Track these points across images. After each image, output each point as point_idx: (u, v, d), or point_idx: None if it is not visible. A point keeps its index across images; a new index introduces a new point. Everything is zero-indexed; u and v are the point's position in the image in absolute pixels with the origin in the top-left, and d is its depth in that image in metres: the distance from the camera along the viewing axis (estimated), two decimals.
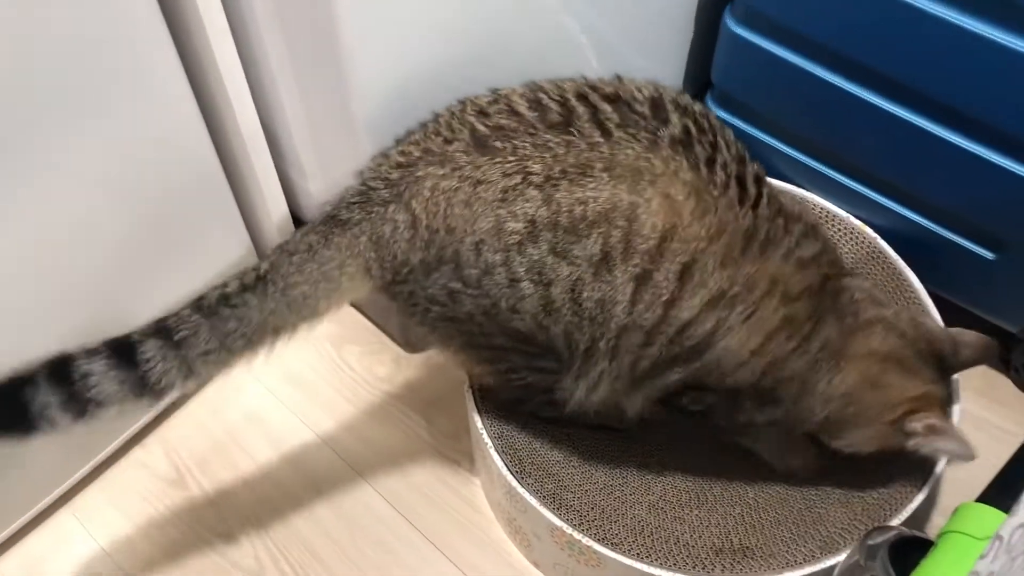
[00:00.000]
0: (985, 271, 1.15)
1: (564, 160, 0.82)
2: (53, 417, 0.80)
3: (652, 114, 0.84)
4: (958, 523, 0.75)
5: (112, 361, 0.82)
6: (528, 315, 0.86)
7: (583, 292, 0.84)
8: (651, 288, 0.83)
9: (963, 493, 0.83)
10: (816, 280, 0.89)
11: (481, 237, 0.82)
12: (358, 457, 1.22)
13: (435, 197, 0.83)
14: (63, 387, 0.80)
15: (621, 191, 0.81)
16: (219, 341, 0.85)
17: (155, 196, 1.01)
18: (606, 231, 0.81)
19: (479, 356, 0.96)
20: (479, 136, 0.84)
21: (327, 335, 1.33)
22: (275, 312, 0.86)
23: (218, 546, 1.14)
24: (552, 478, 1.03)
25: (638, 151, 0.82)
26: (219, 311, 0.85)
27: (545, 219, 0.81)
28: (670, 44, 1.33)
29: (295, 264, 0.86)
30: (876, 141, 1.15)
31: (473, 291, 0.85)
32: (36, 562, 1.13)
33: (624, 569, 0.95)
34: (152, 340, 0.84)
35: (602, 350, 0.88)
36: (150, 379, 0.83)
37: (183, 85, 0.96)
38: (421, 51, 0.96)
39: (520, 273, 0.83)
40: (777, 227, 0.87)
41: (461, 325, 0.90)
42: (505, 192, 0.81)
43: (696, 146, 0.84)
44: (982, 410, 1.24)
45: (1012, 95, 0.98)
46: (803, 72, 1.16)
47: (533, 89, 0.87)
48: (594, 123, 0.83)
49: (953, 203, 1.14)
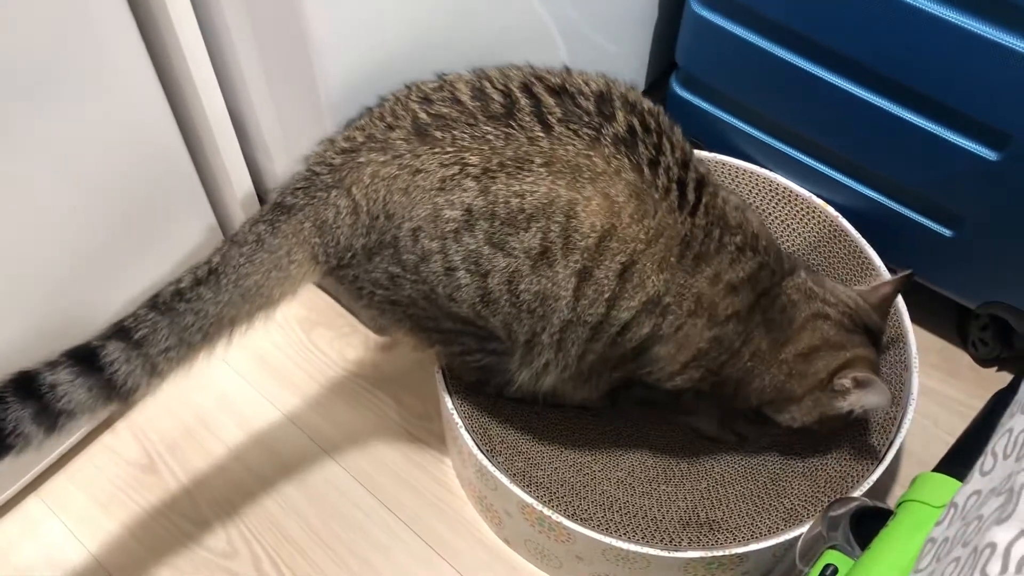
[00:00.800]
0: (943, 248, 1.17)
1: (502, 153, 0.82)
2: (26, 433, 0.80)
3: (597, 110, 0.84)
4: (916, 492, 0.77)
5: (76, 369, 0.82)
6: (466, 304, 0.87)
7: (520, 284, 0.85)
8: (593, 285, 0.85)
9: (921, 465, 0.86)
10: (746, 304, 0.90)
11: (419, 224, 0.83)
12: (329, 439, 1.22)
13: (375, 184, 0.84)
14: (32, 401, 0.80)
15: (560, 187, 0.82)
16: (178, 337, 0.85)
17: (120, 181, 1.00)
18: (545, 225, 0.82)
19: (430, 338, 0.98)
20: (420, 124, 0.84)
21: (297, 318, 1.33)
22: (230, 303, 0.87)
23: (190, 530, 1.15)
24: (522, 456, 1.05)
25: (579, 148, 0.82)
26: (175, 307, 0.85)
27: (482, 208, 0.82)
28: (635, 26, 1.33)
29: (245, 254, 0.87)
30: (836, 120, 1.17)
31: (412, 276, 0.87)
32: (5, 549, 1.13)
33: (593, 543, 0.97)
34: (112, 342, 0.84)
35: (545, 343, 0.90)
36: (116, 381, 0.84)
37: (148, 69, 0.95)
38: (386, 35, 0.96)
39: (456, 261, 0.84)
40: (712, 240, 0.87)
41: (407, 308, 0.91)
42: (443, 181, 0.82)
43: (640, 146, 0.84)
44: (940, 384, 1.27)
45: (968, 75, 1.00)
46: (765, 53, 1.17)
47: (479, 76, 0.87)
48: (535, 116, 0.83)
49: (911, 181, 1.16)
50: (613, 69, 1.34)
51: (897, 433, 1.03)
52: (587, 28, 1.22)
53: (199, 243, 1.14)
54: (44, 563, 1.12)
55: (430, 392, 1.25)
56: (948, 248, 1.17)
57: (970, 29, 0.96)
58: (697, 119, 1.34)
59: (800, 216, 1.24)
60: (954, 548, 0.58)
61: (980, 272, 1.18)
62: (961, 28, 0.97)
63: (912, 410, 1.04)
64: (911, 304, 1.14)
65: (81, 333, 0.97)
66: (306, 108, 0.99)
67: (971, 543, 0.54)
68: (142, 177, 1.02)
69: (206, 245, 1.15)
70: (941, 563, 0.58)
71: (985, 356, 1.28)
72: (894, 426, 1.05)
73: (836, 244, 1.21)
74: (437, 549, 1.14)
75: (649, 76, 1.43)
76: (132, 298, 1.08)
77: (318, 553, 1.13)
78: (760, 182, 1.26)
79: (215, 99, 1.02)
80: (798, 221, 1.24)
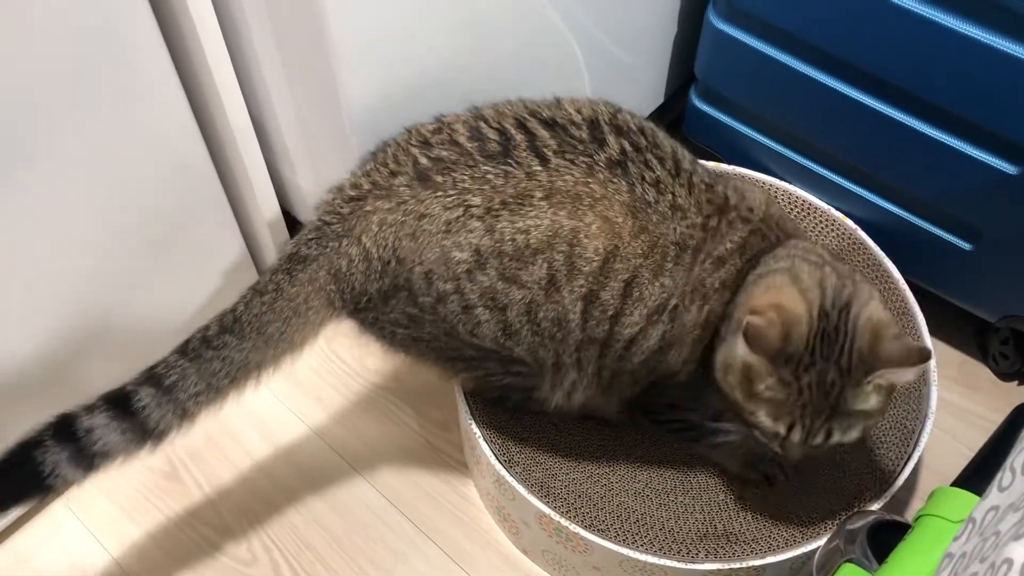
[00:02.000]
0: (963, 261, 1.17)
1: (503, 191, 0.84)
2: (64, 474, 0.85)
3: (590, 137, 0.86)
4: (934, 507, 0.77)
5: (111, 413, 0.86)
6: (488, 339, 0.89)
7: (538, 313, 0.87)
8: (599, 306, 0.86)
9: (940, 478, 0.86)
10: (732, 271, 0.88)
11: (430, 267, 0.85)
12: (349, 448, 1.23)
13: (383, 231, 0.86)
14: (70, 444, 0.84)
15: (561, 217, 0.83)
16: (206, 382, 0.89)
17: (146, 193, 1.02)
18: (549, 256, 0.84)
19: (454, 367, 1.00)
20: (421, 169, 0.86)
21: None
22: (254, 349, 0.90)
23: (211, 537, 1.16)
24: (540, 467, 1.05)
25: (577, 176, 0.84)
26: (203, 353, 0.88)
27: (489, 248, 0.84)
28: (654, 39, 1.34)
29: (266, 303, 0.90)
30: (856, 134, 1.18)
31: (430, 316, 0.89)
32: (29, 553, 1.15)
33: (610, 554, 0.97)
34: (145, 388, 0.87)
35: (568, 363, 0.92)
36: (148, 425, 0.87)
37: (173, 82, 0.97)
38: (409, 49, 0.97)
39: (473, 300, 0.86)
40: (708, 230, 0.88)
41: (429, 343, 0.93)
42: (448, 224, 0.84)
43: (631, 166, 0.85)
44: (959, 398, 1.26)
45: (989, 88, 1.00)
46: (785, 67, 1.18)
47: (475, 117, 0.89)
48: (532, 151, 0.85)
49: (931, 195, 1.16)
50: (632, 82, 1.36)
51: (915, 447, 1.03)
52: (607, 42, 1.23)
53: (224, 256, 1.16)
54: (67, 567, 1.14)
55: (449, 402, 1.26)
56: (967, 261, 1.17)
57: (990, 44, 0.96)
58: (716, 132, 1.35)
59: (819, 229, 1.25)
60: (971, 563, 0.58)
61: (1000, 285, 1.18)
62: (981, 42, 0.97)
63: (931, 423, 1.04)
64: (930, 317, 1.14)
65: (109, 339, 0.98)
66: (330, 121, 1.00)
67: (988, 559, 0.55)
68: (167, 189, 1.04)
69: (232, 258, 1.17)
70: None
71: (1005, 370, 1.27)
72: (912, 439, 1.05)
73: (855, 257, 1.22)
74: (455, 558, 1.14)
75: (668, 89, 1.44)
76: (157, 305, 1.11)
77: (337, 561, 1.14)
78: (779, 194, 1.27)
79: (239, 111, 1.03)
80: (817, 234, 1.24)
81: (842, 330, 0.84)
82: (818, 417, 0.84)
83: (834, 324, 0.84)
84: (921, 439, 1.03)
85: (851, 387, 0.83)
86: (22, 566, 1.14)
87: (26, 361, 1.01)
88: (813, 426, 0.84)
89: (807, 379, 0.82)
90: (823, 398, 0.83)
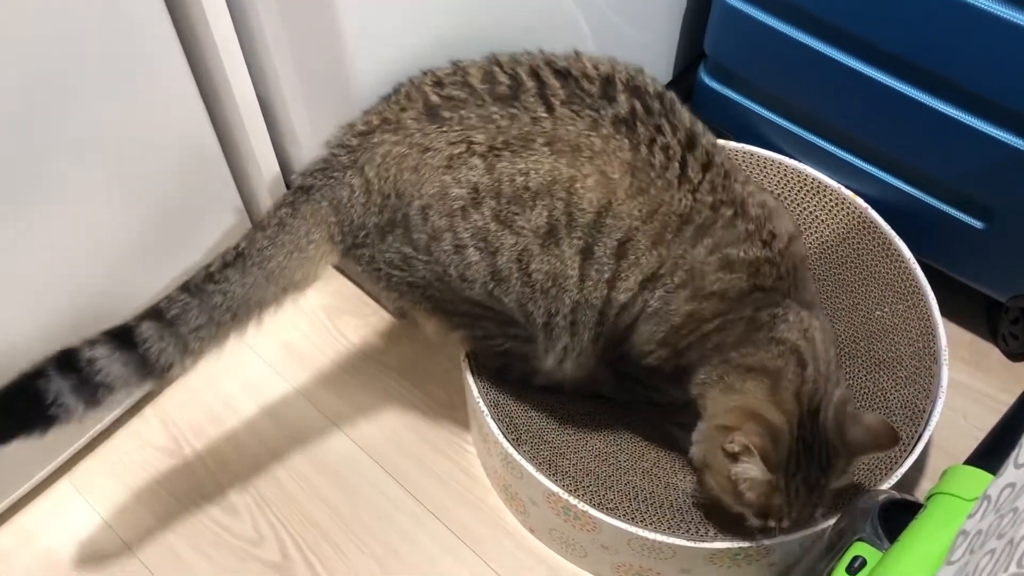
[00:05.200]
0: (974, 240, 1.16)
1: (507, 132, 0.84)
2: (67, 404, 0.84)
3: (601, 92, 0.86)
4: (946, 485, 0.77)
5: (113, 344, 0.86)
6: (478, 283, 0.89)
7: (531, 263, 0.87)
8: (595, 264, 0.86)
9: (949, 459, 0.85)
10: (736, 286, 0.87)
11: (428, 201, 0.86)
12: (355, 426, 1.23)
13: (386, 162, 0.87)
14: (72, 374, 0.84)
15: (561, 165, 0.84)
16: (208, 316, 0.89)
17: (149, 171, 1.01)
18: (549, 203, 0.84)
19: (451, 322, 0.99)
20: (431, 105, 0.87)
21: (323, 307, 1.34)
22: (255, 285, 0.90)
23: (216, 514, 1.16)
24: (547, 445, 1.05)
25: (579, 128, 0.84)
26: (205, 288, 0.89)
27: (487, 186, 0.84)
28: (663, 15, 1.33)
29: (268, 237, 0.90)
30: (867, 111, 1.16)
31: (424, 256, 0.89)
32: (35, 531, 1.14)
33: (619, 533, 0.97)
34: (147, 322, 0.88)
35: (561, 325, 0.92)
36: (150, 358, 0.88)
37: (179, 59, 0.96)
38: (416, 24, 0.96)
39: (465, 239, 0.86)
40: (720, 217, 0.86)
41: (424, 290, 0.93)
42: (450, 159, 0.85)
43: (639, 127, 0.85)
44: (969, 378, 1.26)
45: (1002, 65, 0.99)
46: (795, 42, 1.16)
47: (491, 62, 0.90)
48: (540, 98, 0.85)
49: (943, 173, 1.15)
50: (641, 58, 1.33)
51: (926, 426, 1.03)
52: (615, 17, 1.22)
53: (227, 230, 1.15)
54: (72, 543, 1.13)
55: (455, 381, 1.25)
56: (979, 240, 1.16)
57: (1004, 16, 0.95)
58: (725, 109, 1.34)
59: (829, 207, 1.23)
60: (988, 540, 0.57)
61: (1011, 264, 1.17)
62: (995, 16, 0.96)
63: (941, 403, 1.04)
64: (940, 297, 1.13)
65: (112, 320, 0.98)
66: (336, 97, 0.99)
67: (1006, 535, 0.54)
68: (171, 166, 1.03)
69: (233, 231, 1.16)
70: (975, 555, 0.58)
71: (1015, 350, 1.26)
72: (923, 419, 1.04)
73: (865, 236, 1.21)
74: (461, 537, 1.14)
75: (677, 66, 1.42)
76: (160, 284, 1.10)
77: (343, 539, 1.14)
78: (789, 173, 1.26)
79: (245, 88, 1.02)
80: (827, 212, 1.23)
81: (817, 434, 0.89)
82: (804, 509, 0.90)
83: (809, 430, 0.88)
84: (932, 419, 1.03)
85: (834, 478, 0.90)
86: (28, 544, 1.14)
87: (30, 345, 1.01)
88: (800, 516, 0.90)
89: (795, 484, 0.88)
90: (808, 494, 0.89)
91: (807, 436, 0.88)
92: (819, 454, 0.88)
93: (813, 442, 0.88)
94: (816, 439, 0.88)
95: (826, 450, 0.89)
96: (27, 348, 1.00)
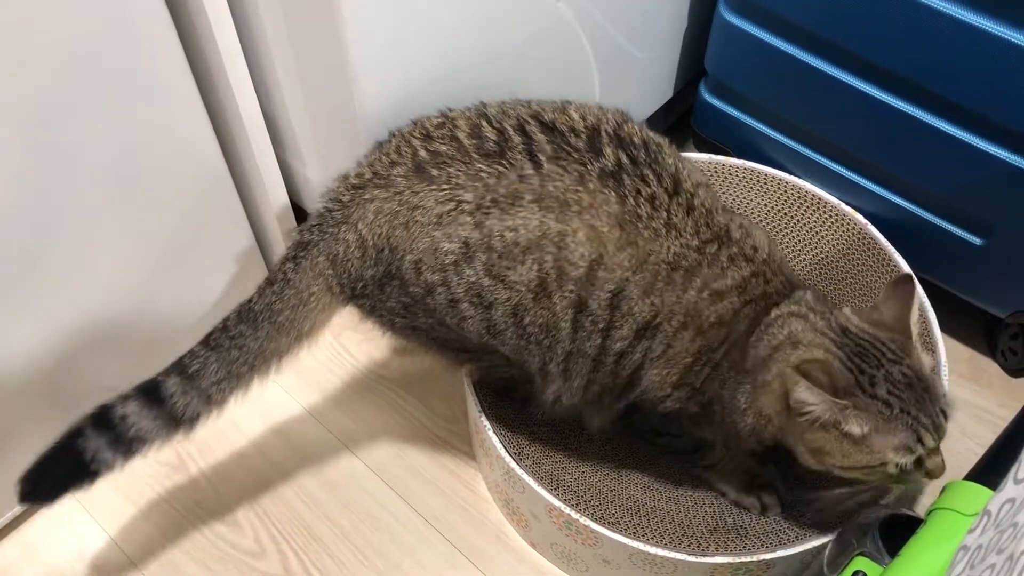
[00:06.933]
0: (973, 257, 1.17)
1: (495, 190, 0.85)
2: (106, 459, 0.91)
3: (587, 146, 0.87)
4: (947, 500, 0.77)
5: (142, 401, 0.92)
6: (474, 334, 0.91)
7: (525, 317, 0.87)
8: (589, 316, 0.87)
9: (948, 474, 0.85)
10: (730, 309, 0.88)
11: (419, 256, 0.87)
12: (357, 441, 1.23)
13: (378, 219, 0.88)
14: (107, 431, 0.91)
15: (550, 220, 0.84)
16: (227, 370, 0.94)
17: (155, 187, 1.02)
18: (539, 257, 0.85)
19: (457, 358, 1.02)
20: (419, 162, 0.87)
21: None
22: (267, 337, 0.94)
23: (219, 529, 1.16)
24: (549, 460, 1.05)
25: (567, 183, 0.85)
26: (222, 343, 0.94)
27: (478, 241, 0.85)
28: (664, 33, 1.34)
29: (276, 292, 0.94)
30: (866, 128, 1.17)
31: (422, 307, 0.91)
32: (39, 546, 1.15)
33: (620, 547, 0.97)
34: (172, 377, 0.93)
35: (554, 372, 0.93)
36: (176, 412, 0.93)
37: (186, 76, 0.97)
38: (421, 42, 0.97)
39: (459, 294, 0.87)
40: (705, 255, 0.87)
41: (428, 334, 0.95)
42: (440, 217, 0.86)
43: (626, 178, 0.86)
44: (969, 394, 1.26)
45: (1000, 83, 1.00)
46: (795, 60, 1.17)
47: (479, 115, 0.90)
48: (527, 154, 0.86)
49: (942, 189, 1.16)
50: (642, 77, 1.36)
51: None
52: (617, 36, 1.23)
53: (235, 248, 1.16)
54: (76, 558, 1.14)
55: (457, 395, 1.26)
56: (978, 256, 1.17)
57: (1003, 36, 0.96)
58: (725, 126, 1.35)
59: (829, 224, 1.24)
60: (988, 555, 0.58)
61: (1010, 280, 1.18)
62: (994, 35, 0.97)
63: None
64: (940, 313, 1.13)
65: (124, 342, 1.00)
66: (341, 115, 1.00)
67: (1006, 550, 0.54)
68: (177, 181, 1.04)
69: (242, 251, 1.17)
70: (975, 570, 0.58)
71: (1014, 366, 1.27)
72: None
73: (865, 252, 1.21)
74: (463, 551, 1.14)
75: (678, 83, 1.44)
76: (170, 304, 1.11)
77: (345, 553, 1.14)
78: (789, 189, 1.26)
79: (250, 102, 1.03)
80: (827, 228, 1.24)
81: (862, 340, 0.85)
82: (923, 411, 0.84)
83: (852, 343, 0.85)
84: None
85: (914, 361, 0.85)
86: (31, 557, 1.14)
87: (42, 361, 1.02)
88: (934, 424, 0.84)
89: (882, 392, 0.83)
90: (909, 389, 0.83)
91: (855, 348, 0.85)
92: (877, 354, 0.85)
93: (863, 348, 0.85)
94: (863, 345, 0.85)
95: (881, 346, 0.85)
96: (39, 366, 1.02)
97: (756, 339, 0.88)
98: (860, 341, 0.85)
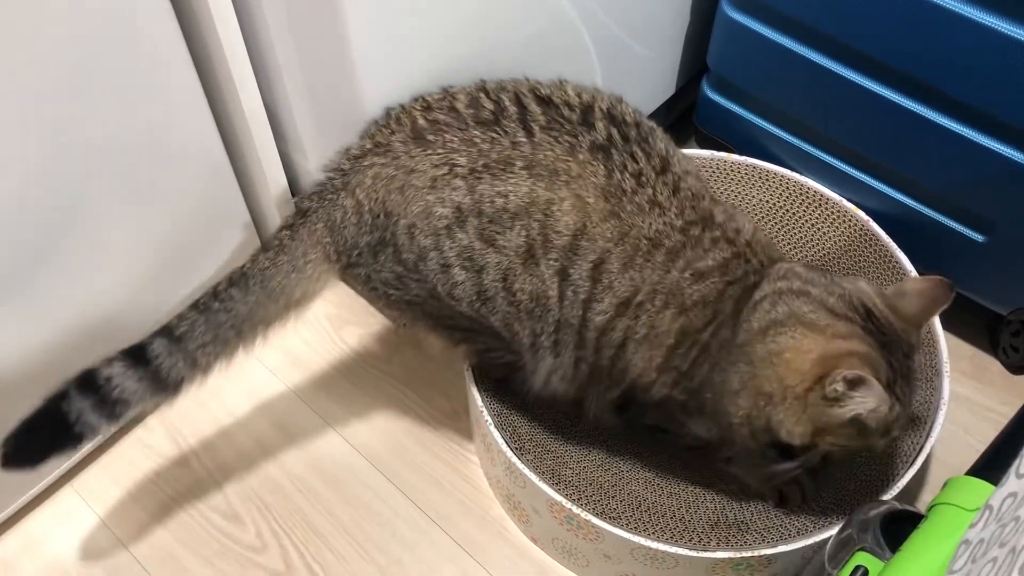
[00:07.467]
0: (975, 253, 1.17)
1: (487, 155, 0.87)
2: (90, 422, 0.90)
3: (580, 119, 0.89)
4: (948, 496, 0.77)
5: (128, 361, 0.92)
6: (465, 302, 0.92)
7: (515, 283, 0.89)
8: (571, 286, 0.88)
9: (950, 470, 0.86)
10: (713, 290, 0.89)
11: (413, 220, 0.89)
12: (357, 435, 1.23)
13: (375, 184, 0.90)
14: (91, 394, 0.90)
15: (539, 188, 0.86)
16: (214, 333, 0.94)
17: (156, 180, 1.02)
18: (527, 223, 0.87)
19: (452, 336, 1.02)
20: (418, 129, 0.90)
21: (327, 316, 1.34)
22: (257, 303, 0.95)
23: (220, 523, 1.16)
24: (550, 454, 1.05)
25: (557, 153, 0.87)
26: (211, 306, 0.94)
27: (470, 206, 0.87)
28: (666, 30, 1.34)
29: (269, 258, 0.95)
30: (869, 124, 1.17)
31: (414, 275, 0.92)
32: (40, 539, 1.15)
33: (622, 542, 0.97)
34: (158, 339, 0.93)
35: (545, 345, 0.93)
36: (161, 373, 0.93)
37: (188, 68, 0.97)
38: (423, 37, 0.97)
39: (451, 258, 0.89)
40: (689, 237, 0.88)
41: (422, 307, 0.96)
42: (434, 180, 0.88)
43: (615, 153, 0.88)
44: (970, 391, 1.26)
45: (1003, 80, 1.00)
46: (797, 56, 1.17)
47: (478, 88, 0.93)
48: (520, 123, 0.88)
49: (944, 186, 1.16)
50: (644, 72, 1.36)
51: (927, 437, 1.03)
52: (619, 31, 1.23)
53: (235, 246, 1.16)
54: (77, 552, 1.14)
55: (458, 390, 1.26)
56: (980, 253, 1.17)
57: (1006, 32, 0.96)
58: (727, 122, 1.35)
59: (831, 220, 1.24)
60: (990, 549, 0.58)
61: (1012, 277, 1.17)
62: (996, 31, 0.97)
63: (942, 415, 1.04)
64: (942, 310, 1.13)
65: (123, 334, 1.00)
66: (344, 107, 1.00)
67: (1008, 543, 0.54)
68: (178, 174, 1.04)
69: (242, 247, 1.17)
70: (977, 564, 0.58)
71: (1016, 363, 1.27)
72: (924, 431, 1.05)
73: (867, 249, 1.21)
74: (464, 546, 1.14)
75: (680, 79, 1.43)
76: (170, 296, 1.11)
77: (346, 548, 1.14)
78: (791, 185, 1.26)
79: (253, 98, 1.03)
80: (829, 225, 1.24)
81: (885, 329, 0.87)
82: (909, 401, 0.89)
83: (876, 331, 0.86)
84: (933, 431, 1.03)
85: (916, 357, 0.90)
86: (32, 550, 1.14)
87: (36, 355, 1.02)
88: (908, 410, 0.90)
89: (898, 385, 0.86)
90: (907, 384, 0.88)
91: (879, 337, 0.86)
92: (897, 345, 0.87)
93: (888, 338, 0.86)
94: (887, 334, 0.86)
95: (899, 337, 0.87)
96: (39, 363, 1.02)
97: (747, 315, 0.88)
98: (884, 329, 0.87)
